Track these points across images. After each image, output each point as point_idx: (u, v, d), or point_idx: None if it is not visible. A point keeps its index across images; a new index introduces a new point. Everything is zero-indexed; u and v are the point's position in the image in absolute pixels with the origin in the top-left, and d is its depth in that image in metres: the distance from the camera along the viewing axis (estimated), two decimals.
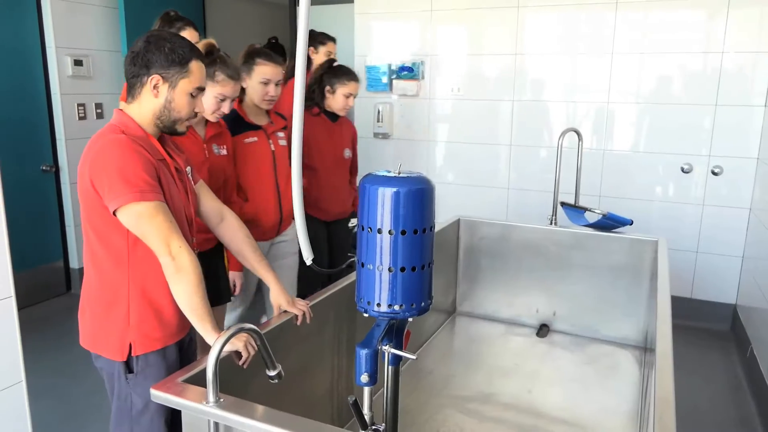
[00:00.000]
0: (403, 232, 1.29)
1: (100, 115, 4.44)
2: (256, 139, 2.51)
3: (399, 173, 1.33)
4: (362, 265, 1.34)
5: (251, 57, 2.47)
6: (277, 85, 2.50)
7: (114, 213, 1.48)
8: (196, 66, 1.59)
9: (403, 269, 1.30)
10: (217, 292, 2.46)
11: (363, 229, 1.32)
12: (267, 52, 2.52)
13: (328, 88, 2.94)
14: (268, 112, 2.60)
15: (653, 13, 3.75)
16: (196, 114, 1.66)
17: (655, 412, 1.36)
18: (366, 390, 1.34)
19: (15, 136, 4.01)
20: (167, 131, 1.64)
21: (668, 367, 1.60)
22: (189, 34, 2.91)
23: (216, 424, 1.32)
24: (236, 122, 2.48)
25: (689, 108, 3.77)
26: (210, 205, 1.83)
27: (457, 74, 4.32)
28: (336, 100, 2.94)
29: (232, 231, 1.84)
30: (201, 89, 1.63)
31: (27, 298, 4.09)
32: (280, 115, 2.69)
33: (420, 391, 2.52)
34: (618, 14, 3.82)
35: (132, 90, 1.59)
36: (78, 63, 4.25)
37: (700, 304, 3.95)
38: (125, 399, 1.60)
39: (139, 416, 1.59)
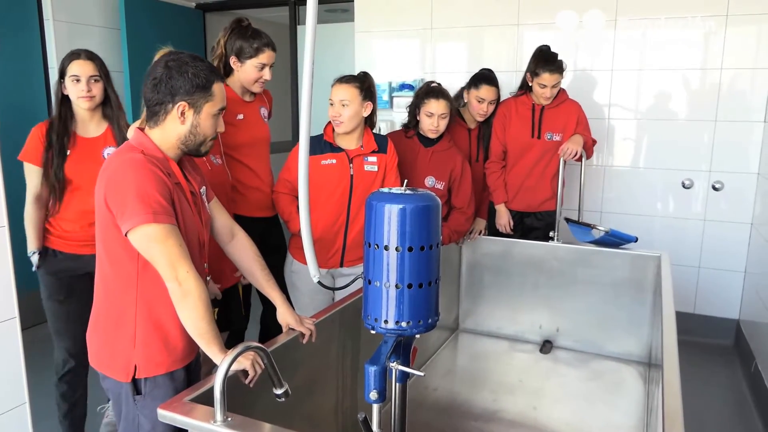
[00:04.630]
0: (410, 249, 1.29)
1: None
2: (334, 161, 2.48)
3: (405, 190, 1.34)
4: (369, 282, 1.34)
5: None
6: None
7: (126, 234, 1.47)
8: (218, 88, 1.59)
9: (410, 286, 1.30)
10: (228, 318, 2.47)
11: (369, 246, 1.33)
12: (345, 76, 2.49)
13: (417, 110, 2.86)
14: (362, 134, 2.55)
15: (652, 31, 3.79)
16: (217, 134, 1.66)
17: (665, 426, 1.36)
18: (375, 407, 1.34)
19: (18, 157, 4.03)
20: (191, 153, 1.64)
21: (675, 382, 1.60)
22: (268, 56, 2.53)
23: None
24: (318, 142, 2.48)
25: (689, 124, 3.80)
26: (222, 222, 1.83)
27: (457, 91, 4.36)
28: (422, 120, 2.84)
29: (241, 249, 1.84)
30: (223, 110, 1.63)
31: (26, 320, 4.07)
32: (380, 138, 2.60)
33: (425, 409, 2.50)
34: (617, 32, 3.86)
35: (154, 116, 1.57)
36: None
37: (703, 319, 3.94)
38: (132, 420, 1.59)
39: None
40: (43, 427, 2.31)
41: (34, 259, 2.51)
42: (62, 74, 2.40)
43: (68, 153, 2.42)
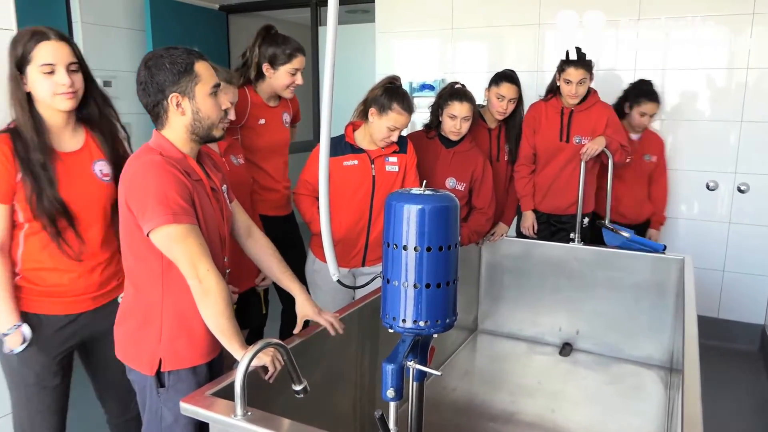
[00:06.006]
0: (429, 249, 1.30)
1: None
2: (356, 162, 2.49)
3: (424, 191, 1.35)
4: (387, 281, 1.35)
5: (390, 99, 2.41)
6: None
7: (147, 235, 1.51)
8: (201, 67, 1.58)
9: (428, 285, 1.31)
10: (247, 315, 2.49)
11: (388, 245, 1.34)
12: (402, 97, 2.43)
13: (440, 111, 2.85)
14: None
15: (676, 30, 3.74)
16: (226, 113, 1.68)
17: None
18: (392, 405, 1.35)
19: None
20: (206, 141, 1.66)
21: (696, 388, 1.58)
22: (300, 61, 2.56)
23: None
24: (339, 143, 2.49)
25: (714, 124, 3.74)
26: (240, 221, 1.88)
27: (478, 91, 4.34)
28: (444, 122, 2.83)
29: (258, 245, 1.89)
30: (217, 86, 1.62)
31: None
32: (399, 138, 2.56)
33: (443, 409, 2.51)
34: (640, 31, 3.82)
35: (158, 118, 1.60)
36: (107, 84, 4.35)
37: (727, 324, 3.88)
38: (155, 412, 1.63)
39: (168, 430, 1.62)
40: None
41: (18, 335, 1.72)
42: (22, 64, 1.67)
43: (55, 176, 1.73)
